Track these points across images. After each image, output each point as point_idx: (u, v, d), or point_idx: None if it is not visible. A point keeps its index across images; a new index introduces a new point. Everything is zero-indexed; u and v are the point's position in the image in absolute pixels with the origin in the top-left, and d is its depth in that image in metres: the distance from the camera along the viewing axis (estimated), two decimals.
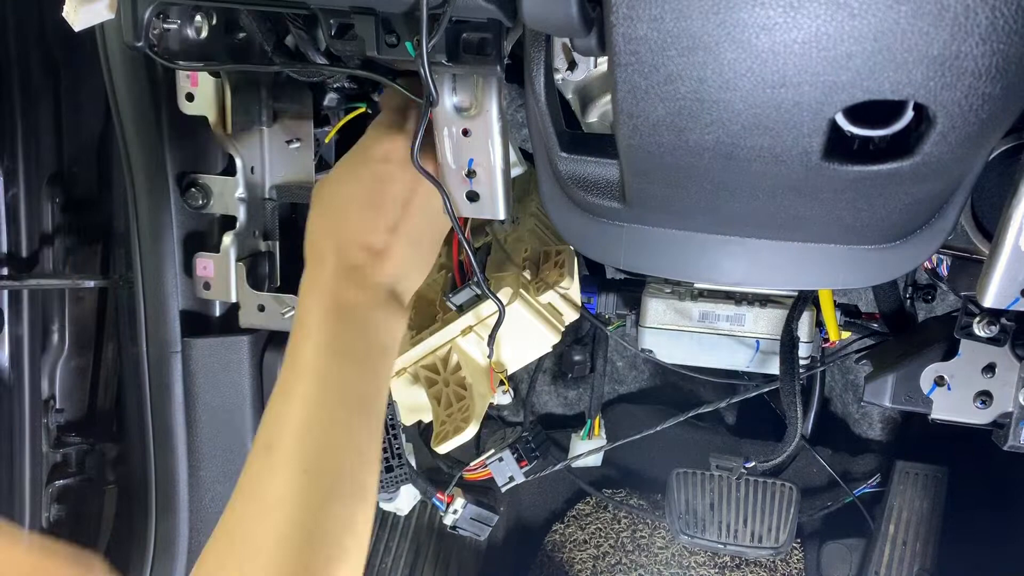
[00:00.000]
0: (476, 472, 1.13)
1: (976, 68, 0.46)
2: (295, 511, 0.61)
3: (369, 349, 0.69)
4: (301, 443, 0.63)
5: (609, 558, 1.71)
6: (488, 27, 0.61)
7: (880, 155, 0.53)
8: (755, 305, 1.13)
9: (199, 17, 0.77)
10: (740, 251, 0.69)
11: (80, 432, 1.23)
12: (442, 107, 0.70)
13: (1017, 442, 0.94)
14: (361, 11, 0.61)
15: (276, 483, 0.62)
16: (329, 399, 0.65)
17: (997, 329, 0.91)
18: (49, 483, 1.19)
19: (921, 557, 1.45)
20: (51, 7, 1.10)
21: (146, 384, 1.11)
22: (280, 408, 0.66)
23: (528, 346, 0.93)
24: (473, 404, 0.88)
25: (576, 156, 0.65)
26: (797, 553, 1.65)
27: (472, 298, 0.90)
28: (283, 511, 0.61)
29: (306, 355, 0.67)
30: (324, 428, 0.64)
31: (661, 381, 1.76)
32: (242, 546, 0.61)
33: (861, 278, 0.69)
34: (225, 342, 1.11)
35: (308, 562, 0.60)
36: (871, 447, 1.60)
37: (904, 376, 1.00)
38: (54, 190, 1.16)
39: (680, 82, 0.50)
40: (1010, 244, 0.65)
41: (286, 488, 0.61)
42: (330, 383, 0.66)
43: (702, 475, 1.49)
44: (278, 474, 0.62)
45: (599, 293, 1.21)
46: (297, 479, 0.62)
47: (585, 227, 0.72)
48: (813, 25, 0.45)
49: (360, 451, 0.66)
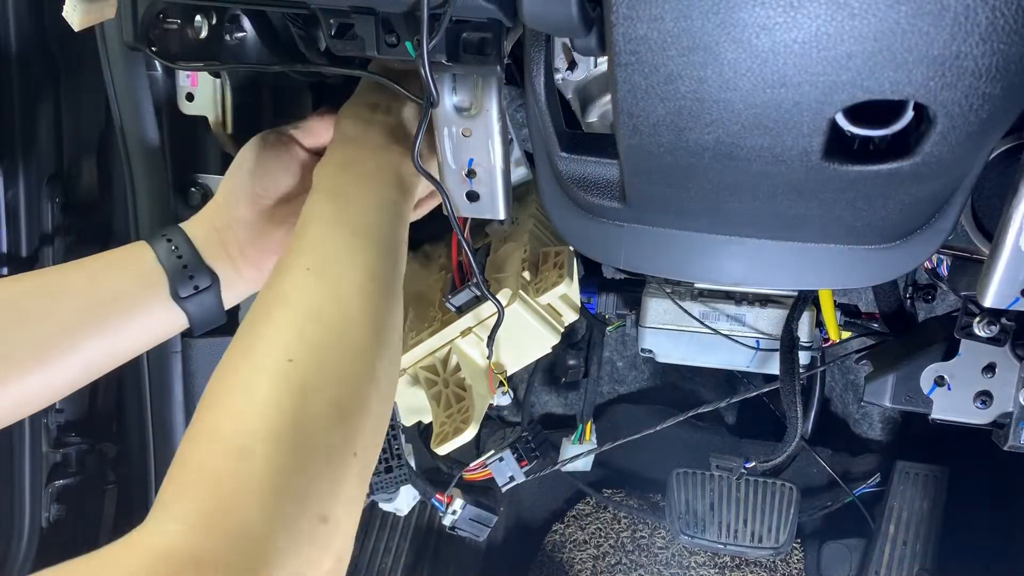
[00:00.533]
0: (476, 472, 1.13)
1: (976, 68, 0.46)
2: (299, 300, 0.60)
3: (380, 178, 0.71)
4: (306, 252, 0.64)
5: (609, 558, 1.71)
6: (488, 27, 0.61)
7: (880, 155, 0.53)
8: (755, 305, 1.13)
9: (199, 17, 0.77)
10: (740, 251, 0.69)
11: (80, 432, 1.23)
12: (442, 107, 0.70)
13: (1017, 442, 0.94)
14: (361, 11, 0.61)
15: (282, 283, 0.62)
16: (339, 224, 0.66)
17: (997, 329, 0.91)
18: (49, 483, 1.19)
19: (921, 557, 1.45)
20: (51, 7, 1.10)
21: (146, 384, 1.11)
22: (294, 237, 0.66)
23: (528, 347, 0.93)
24: (473, 405, 0.88)
25: (576, 156, 0.65)
26: (797, 553, 1.66)
27: (471, 299, 0.90)
28: (288, 300, 0.60)
29: (316, 197, 0.69)
30: (331, 242, 0.65)
31: (661, 381, 1.76)
32: (249, 337, 0.59)
33: (861, 278, 0.69)
34: (225, 342, 1.09)
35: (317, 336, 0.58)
36: (871, 447, 1.60)
37: (904, 376, 1.00)
38: (54, 190, 1.16)
39: (680, 82, 0.50)
40: (1010, 244, 0.65)
41: (290, 284, 0.62)
42: (341, 215, 0.67)
43: (702, 475, 1.49)
44: (284, 276, 0.62)
45: (599, 293, 1.21)
46: (300, 275, 0.62)
47: (585, 227, 0.72)
48: (813, 25, 0.45)
49: (373, 265, 0.66)
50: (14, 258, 1.13)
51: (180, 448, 0.53)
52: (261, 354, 0.57)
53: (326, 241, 0.65)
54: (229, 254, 0.76)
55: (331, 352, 0.58)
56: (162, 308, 0.73)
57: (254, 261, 0.77)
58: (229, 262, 0.76)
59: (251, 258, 0.77)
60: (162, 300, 0.72)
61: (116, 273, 0.72)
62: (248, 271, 0.77)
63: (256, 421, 0.52)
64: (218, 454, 0.51)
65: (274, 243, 0.78)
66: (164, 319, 0.73)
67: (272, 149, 0.80)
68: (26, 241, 1.14)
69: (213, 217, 0.78)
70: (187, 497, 0.49)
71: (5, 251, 1.12)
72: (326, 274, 0.62)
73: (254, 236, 0.77)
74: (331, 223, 0.66)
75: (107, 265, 0.73)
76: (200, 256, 0.74)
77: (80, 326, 0.69)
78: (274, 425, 0.52)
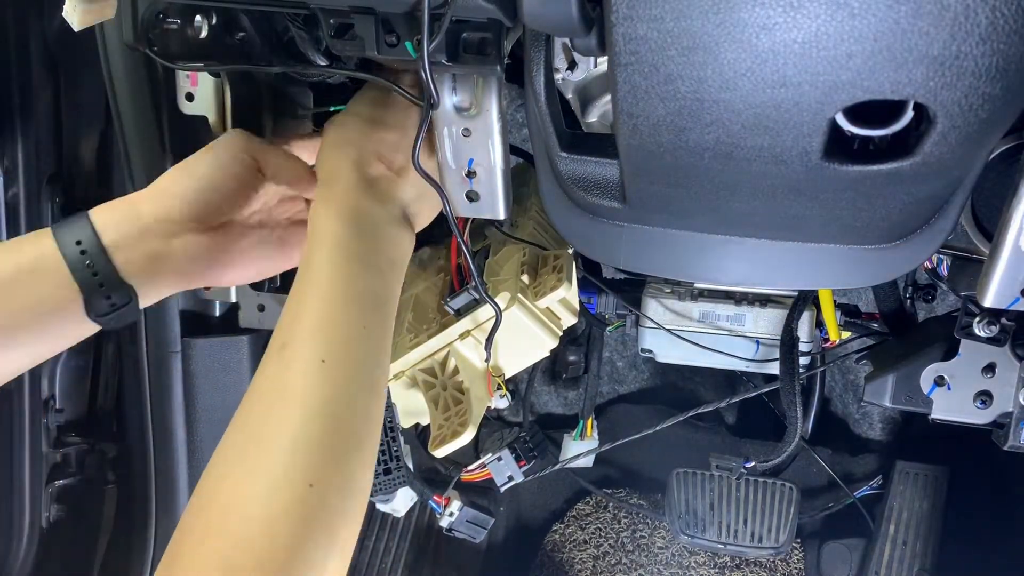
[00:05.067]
0: (474, 473, 1.14)
1: (976, 68, 0.46)
2: (313, 400, 0.59)
3: (382, 257, 0.69)
4: (316, 337, 0.62)
5: (609, 558, 1.71)
6: (488, 27, 0.61)
7: (880, 155, 0.53)
8: (755, 305, 1.13)
9: (199, 17, 0.77)
10: (740, 251, 0.69)
11: (80, 432, 1.23)
12: (442, 107, 0.70)
13: (1017, 442, 0.94)
14: (361, 11, 0.61)
15: (292, 376, 0.60)
16: (343, 297, 0.64)
17: (997, 329, 0.91)
18: (49, 483, 1.19)
19: (921, 557, 1.45)
20: (51, 7, 1.10)
21: (146, 384, 1.11)
22: (294, 310, 0.64)
23: (526, 350, 0.93)
24: (471, 408, 0.88)
25: (576, 156, 0.65)
26: (797, 553, 1.66)
27: (470, 302, 0.90)
28: (301, 401, 0.59)
29: (320, 260, 0.66)
30: (339, 323, 0.63)
31: (661, 381, 1.76)
32: (259, 439, 0.58)
33: (861, 278, 0.69)
34: (225, 342, 1.11)
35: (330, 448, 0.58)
36: (871, 447, 1.60)
37: (904, 376, 1.00)
38: (54, 190, 1.16)
39: (680, 82, 0.50)
40: (1010, 244, 0.65)
41: (303, 379, 0.60)
42: (344, 283, 0.65)
43: (702, 475, 1.49)
44: (294, 367, 0.60)
45: (599, 293, 1.21)
46: (314, 369, 0.60)
47: (585, 227, 0.72)
48: (813, 25, 0.45)
49: (374, 345, 0.65)
50: None
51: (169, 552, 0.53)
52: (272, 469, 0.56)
53: (338, 324, 0.63)
54: (152, 264, 0.69)
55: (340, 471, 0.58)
56: (75, 322, 0.67)
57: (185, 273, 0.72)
58: (149, 275, 0.69)
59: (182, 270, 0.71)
60: (77, 317, 0.67)
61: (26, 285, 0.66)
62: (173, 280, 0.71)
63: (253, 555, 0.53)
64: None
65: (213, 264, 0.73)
66: (76, 330, 0.68)
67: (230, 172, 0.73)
68: None
69: (142, 209, 0.70)
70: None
71: None
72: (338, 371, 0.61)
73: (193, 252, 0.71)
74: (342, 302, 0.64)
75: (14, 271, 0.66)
76: (116, 270, 0.67)
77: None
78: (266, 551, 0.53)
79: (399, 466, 1.03)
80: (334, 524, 0.56)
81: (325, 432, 0.58)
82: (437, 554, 1.57)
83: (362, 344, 0.64)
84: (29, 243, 0.67)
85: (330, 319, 0.63)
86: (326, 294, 0.64)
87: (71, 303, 0.67)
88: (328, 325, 0.63)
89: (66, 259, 0.66)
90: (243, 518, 0.53)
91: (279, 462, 0.56)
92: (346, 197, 0.69)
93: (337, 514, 0.57)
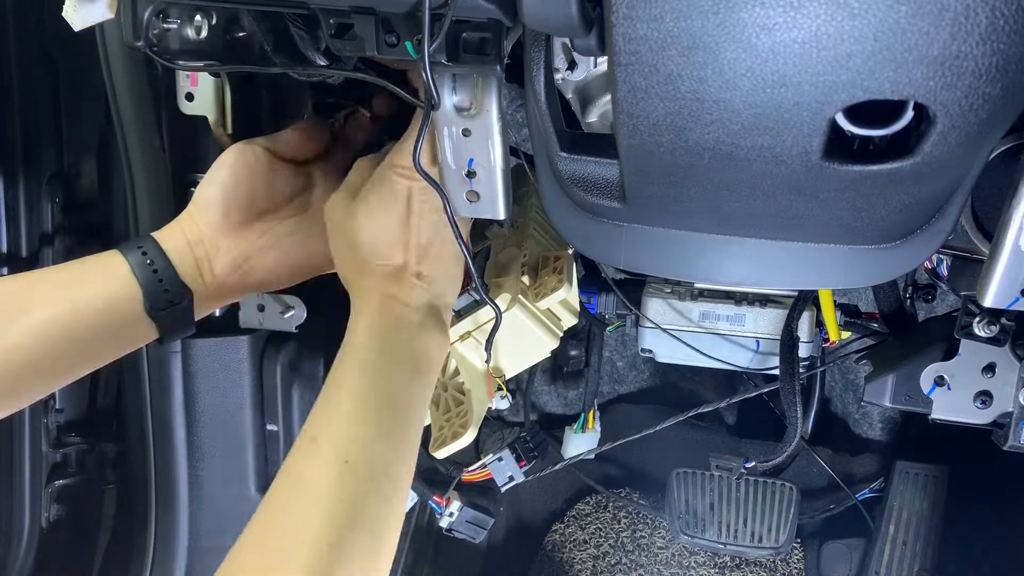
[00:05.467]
0: (475, 473, 1.14)
1: (976, 68, 0.46)
2: (332, 500, 0.61)
3: (416, 359, 0.71)
4: (343, 435, 0.65)
5: (609, 558, 1.71)
6: (488, 27, 0.61)
7: (880, 155, 0.53)
8: (755, 305, 1.13)
9: (199, 17, 0.77)
10: (740, 251, 0.69)
11: (80, 432, 1.23)
12: (442, 107, 0.70)
13: (1017, 442, 0.94)
14: (361, 11, 0.61)
15: (317, 471, 0.63)
16: (374, 398, 0.67)
17: (997, 329, 0.91)
18: (49, 483, 1.19)
19: (921, 557, 1.45)
20: (51, 7, 1.10)
21: (146, 384, 1.11)
22: (326, 403, 0.67)
23: (526, 351, 0.93)
24: (471, 409, 0.88)
25: (576, 156, 0.65)
26: (797, 553, 1.66)
27: (470, 303, 0.90)
28: (322, 498, 0.62)
29: (354, 360, 0.69)
30: (366, 423, 0.66)
31: (661, 381, 1.76)
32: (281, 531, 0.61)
33: (861, 278, 0.69)
34: (225, 342, 1.11)
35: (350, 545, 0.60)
36: (871, 447, 1.60)
37: (904, 376, 1.00)
38: (54, 190, 1.16)
39: (680, 82, 0.50)
40: (1010, 244, 0.65)
41: (326, 477, 0.63)
42: (376, 385, 0.68)
43: (702, 475, 1.49)
44: (319, 463, 0.63)
45: (599, 293, 1.21)
46: (338, 468, 0.63)
47: (585, 227, 0.72)
48: (813, 25, 0.45)
49: (399, 452, 0.67)
50: (14, 258, 1.13)
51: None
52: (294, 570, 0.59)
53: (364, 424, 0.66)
54: (200, 270, 0.76)
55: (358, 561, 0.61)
56: (136, 322, 0.72)
57: (222, 279, 0.76)
58: (200, 278, 0.76)
59: (220, 277, 0.76)
60: (136, 315, 0.72)
61: (89, 285, 0.71)
62: (216, 288, 0.77)
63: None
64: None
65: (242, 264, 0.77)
66: (136, 332, 0.73)
67: (249, 166, 0.79)
68: (26, 241, 1.14)
69: (185, 227, 0.77)
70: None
71: (5, 251, 1.12)
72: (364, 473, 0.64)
73: (223, 255, 0.77)
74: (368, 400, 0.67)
75: (82, 274, 0.72)
76: (175, 271, 0.74)
77: (51, 337, 0.68)
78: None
79: None
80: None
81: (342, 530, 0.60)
82: (437, 554, 1.57)
83: (386, 445, 0.66)
84: (94, 255, 0.74)
85: (357, 418, 0.66)
86: (357, 392, 0.67)
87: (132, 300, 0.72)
88: (355, 423, 0.65)
89: (128, 259, 0.73)
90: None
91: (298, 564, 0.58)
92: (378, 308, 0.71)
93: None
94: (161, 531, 1.12)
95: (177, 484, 1.12)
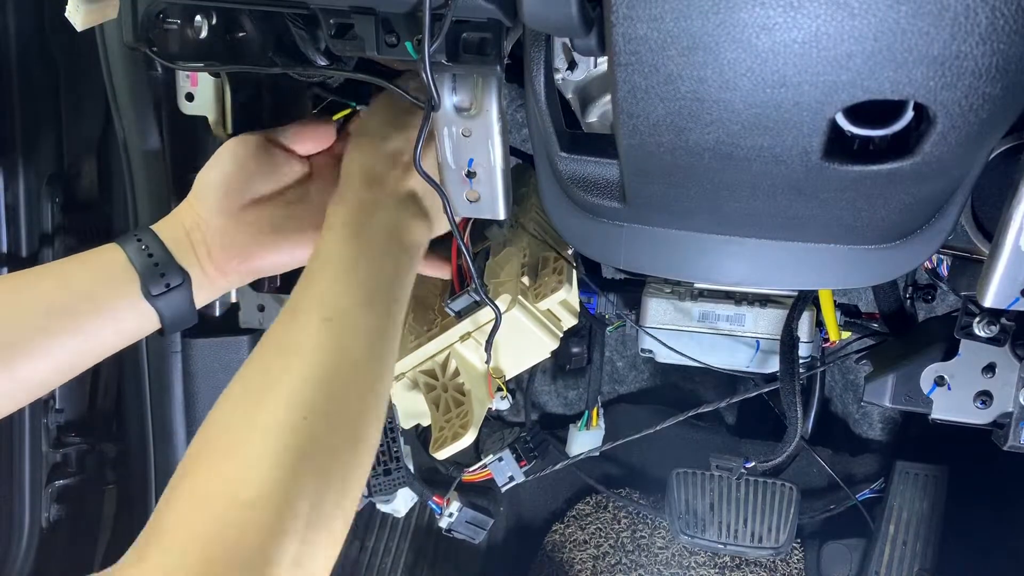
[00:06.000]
0: (475, 473, 1.14)
1: (976, 68, 0.46)
2: (314, 353, 0.62)
3: (394, 242, 0.73)
4: (322, 302, 0.66)
5: (609, 558, 1.71)
6: (488, 27, 0.61)
7: (880, 155, 0.53)
8: (755, 305, 1.13)
9: (199, 17, 0.77)
10: (740, 251, 0.69)
11: (80, 432, 1.23)
12: (442, 107, 0.70)
13: (1017, 442, 0.94)
14: (361, 11, 0.61)
15: (296, 332, 0.64)
16: (352, 274, 0.68)
17: (997, 329, 0.91)
18: (49, 483, 1.19)
19: (921, 557, 1.45)
20: (51, 7, 1.10)
21: (146, 384, 1.11)
22: (304, 282, 0.68)
23: (526, 352, 0.93)
24: (472, 410, 0.88)
25: (576, 156, 0.65)
26: (797, 553, 1.66)
27: (470, 304, 0.90)
28: (303, 353, 0.62)
29: (331, 243, 0.70)
30: (345, 292, 0.67)
31: (661, 381, 1.76)
32: (260, 385, 0.61)
33: (861, 278, 0.69)
34: (225, 342, 1.11)
35: (326, 387, 0.61)
36: (871, 447, 1.60)
37: (904, 376, 1.00)
38: (54, 190, 1.16)
39: (680, 82, 0.50)
40: (1010, 244, 0.65)
41: (306, 335, 0.63)
42: (353, 264, 0.69)
43: (702, 475, 1.49)
44: (299, 325, 0.64)
45: (599, 293, 1.21)
46: (317, 327, 0.64)
47: (585, 227, 0.72)
48: (813, 25, 0.45)
49: (379, 314, 0.68)
50: (14, 258, 1.13)
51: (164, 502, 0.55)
52: (272, 410, 0.59)
53: (341, 294, 0.67)
54: (197, 255, 0.76)
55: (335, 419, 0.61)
56: (133, 307, 0.72)
57: (219, 263, 0.77)
58: (197, 263, 0.76)
59: (217, 260, 0.77)
60: (133, 299, 0.72)
61: (87, 273, 0.72)
62: (214, 274, 0.77)
63: (253, 488, 0.55)
64: (208, 519, 0.53)
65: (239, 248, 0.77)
66: (135, 318, 0.73)
67: (251, 151, 0.79)
68: (26, 241, 1.14)
69: (183, 216, 0.77)
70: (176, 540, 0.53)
71: (5, 251, 1.12)
72: (342, 330, 0.64)
73: (221, 238, 0.77)
74: (348, 273, 0.68)
75: (78, 266, 0.73)
76: (171, 254, 0.75)
77: (50, 328, 0.69)
78: (270, 492, 0.55)
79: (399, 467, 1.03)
80: (324, 459, 0.58)
81: (324, 376, 0.61)
82: (437, 554, 1.57)
83: (366, 311, 0.67)
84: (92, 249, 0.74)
85: (336, 288, 0.67)
86: (335, 267, 0.68)
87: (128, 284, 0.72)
88: (333, 293, 0.67)
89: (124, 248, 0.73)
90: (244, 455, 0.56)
91: (279, 403, 0.59)
92: (357, 190, 0.75)
93: (327, 449, 0.59)
94: None
95: None
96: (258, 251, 0.78)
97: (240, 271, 0.78)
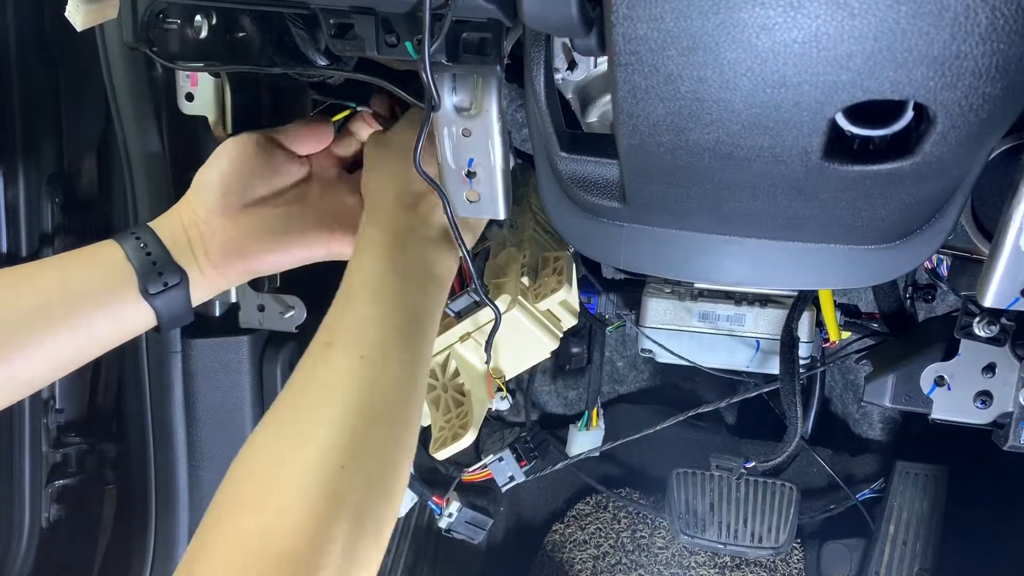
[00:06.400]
0: (476, 473, 1.14)
1: (976, 68, 0.46)
2: (351, 393, 0.62)
3: (425, 275, 0.73)
4: (358, 336, 0.66)
5: (609, 558, 1.71)
6: (488, 27, 0.61)
7: (880, 155, 0.53)
8: (755, 305, 1.13)
9: (199, 17, 0.77)
10: (740, 251, 0.69)
11: (80, 432, 1.23)
12: (442, 107, 0.70)
13: (1017, 442, 0.94)
14: (361, 11, 0.61)
15: (332, 369, 0.64)
16: (386, 305, 0.68)
17: (997, 329, 0.91)
18: (49, 483, 1.19)
19: (921, 557, 1.45)
20: (51, 7, 1.10)
21: (146, 384, 1.11)
22: (338, 314, 0.68)
23: (526, 352, 0.93)
24: (471, 410, 0.88)
25: (576, 156, 0.65)
26: (797, 553, 1.66)
27: (470, 304, 0.90)
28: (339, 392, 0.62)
29: (366, 271, 0.71)
30: (380, 325, 0.67)
31: (661, 381, 1.76)
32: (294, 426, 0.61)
33: (861, 278, 0.69)
34: (225, 342, 1.11)
35: (366, 436, 0.61)
36: (871, 447, 1.60)
37: (904, 376, 1.00)
38: (54, 190, 1.16)
39: (680, 82, 0.50)
40: (1010, 244, 0.65)
41: (342, 372, 0.63)
42: (388, 294, 0.69)
43: (702, 475, 1.49)
44: (334, 362, 0.64)
45: (599, 293, 1.21)
46: (354, 364, 0.64)
47: (585, 227, 0.72)
48: (813, 25, 0.45)
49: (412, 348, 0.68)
50: (14, 258, 1.13)
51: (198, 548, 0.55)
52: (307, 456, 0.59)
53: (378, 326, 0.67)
54: (195, 253, 0.76)
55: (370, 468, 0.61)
56: (131, 305, 0.72)
57: (217, 263, 0.77)
58: (195, 262, 0.76)
59: (215, 260, 0.77)
60: (131, 297, 0.72)
61: (84, 269, 0.72)
62: (212, 273, 0.77)
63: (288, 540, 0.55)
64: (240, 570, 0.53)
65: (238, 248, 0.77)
66: (132, 316, 0.73)
67: (250, 151, 0.79)
68: (26, 241, 1.14)
69: (182, 213, 0.77)
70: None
71: (5, 251, 1.12)
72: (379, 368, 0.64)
73: (219, 238, 0.77)
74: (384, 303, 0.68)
75: (75, 262, 0.73)
76: (169, 253, 0.75)
77: (46, 321, 0.69)
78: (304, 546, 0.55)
79: None
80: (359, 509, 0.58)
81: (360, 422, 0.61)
82: (437, 554, 1.57)
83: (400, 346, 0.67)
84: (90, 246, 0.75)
85: (370, 321, 0.67)
86: (370, 299, 0.68)
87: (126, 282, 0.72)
88: (368, 326, 0.66)
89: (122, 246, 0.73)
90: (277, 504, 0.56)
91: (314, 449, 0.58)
92: (391, 217, 0.75)
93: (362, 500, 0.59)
94: (161, 531, 1.12)
95: (177, 484, 1.12)
96: (256, 251, 0.78)
97: (238, 271, 0.78)
